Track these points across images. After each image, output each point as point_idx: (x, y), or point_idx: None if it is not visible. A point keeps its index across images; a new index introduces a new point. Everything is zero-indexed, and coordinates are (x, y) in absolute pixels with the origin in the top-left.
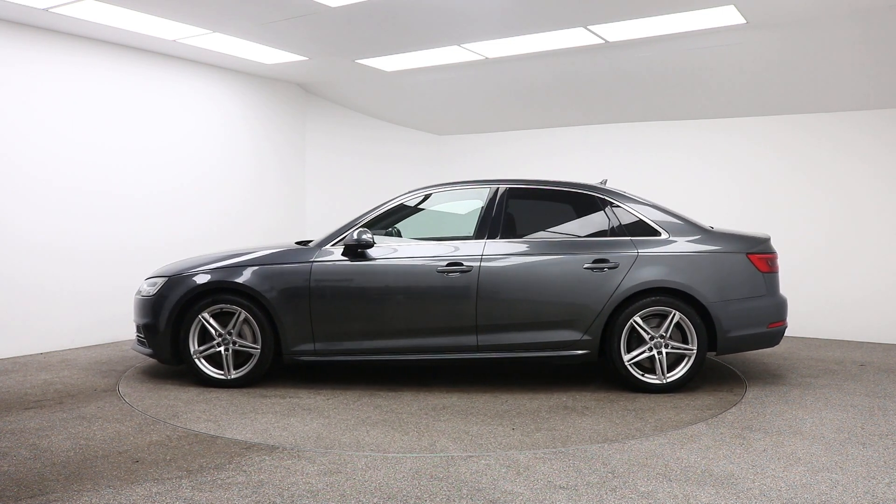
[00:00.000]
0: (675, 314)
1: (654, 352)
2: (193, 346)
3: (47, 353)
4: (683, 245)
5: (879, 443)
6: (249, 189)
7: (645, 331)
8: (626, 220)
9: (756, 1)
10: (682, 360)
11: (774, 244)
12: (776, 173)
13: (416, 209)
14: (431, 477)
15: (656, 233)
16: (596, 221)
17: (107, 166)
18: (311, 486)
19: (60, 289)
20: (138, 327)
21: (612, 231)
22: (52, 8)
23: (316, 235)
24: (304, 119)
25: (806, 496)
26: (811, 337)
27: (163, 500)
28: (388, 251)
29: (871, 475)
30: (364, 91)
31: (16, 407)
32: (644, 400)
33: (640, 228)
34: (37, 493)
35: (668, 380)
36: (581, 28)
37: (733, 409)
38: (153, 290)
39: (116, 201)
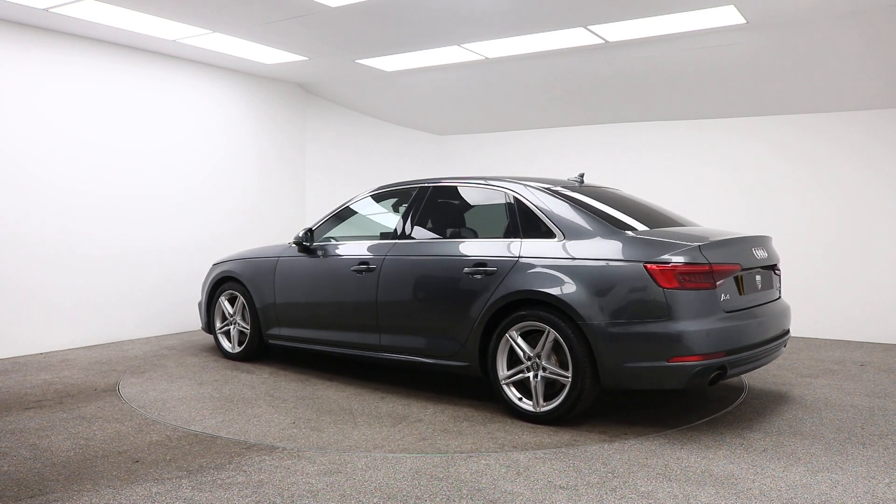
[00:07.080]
0: (548, 332)
1: (530, 374)
2: (218, 323)
3: (47, 353)
4: (571, 248)
5: (879, 443)
6: (252, 190)
7: (521, 349)
8: (525, 218)
9: (756, 1)
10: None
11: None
12: (776, 173)
13: (363, 210)
14: (431, 477)
15: (550, 234)
16: (497, 220)
17: (107, 167)
18: (311, 486)
19: (61, 289)
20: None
21: (507, 231)
22: (52, 8)
23: None
24: (305, 119)
25: (806, 496)
26: (811, 337)
27: (163, 500)
28: (333, 250)
29: (871, 475)
30: (364, 91)
31: (16, 407)
32: (498, 424)
33: (535, 228)
34: (37, 493)
35: (542, 409)
36: (581, 28)
37: (733, 409)
38: (206, 276)
39: (117, 201)
